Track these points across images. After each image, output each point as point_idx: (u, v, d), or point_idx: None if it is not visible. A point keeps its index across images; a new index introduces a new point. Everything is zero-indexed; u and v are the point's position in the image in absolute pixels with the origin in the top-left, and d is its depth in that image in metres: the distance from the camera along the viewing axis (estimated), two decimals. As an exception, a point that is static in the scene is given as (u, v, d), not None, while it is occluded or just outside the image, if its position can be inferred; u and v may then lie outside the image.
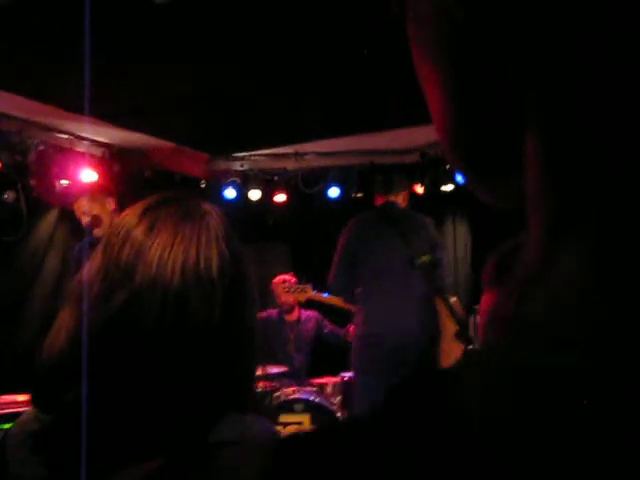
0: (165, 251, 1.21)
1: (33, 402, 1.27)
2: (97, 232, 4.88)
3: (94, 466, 1.12)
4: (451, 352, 4.59)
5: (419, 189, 7.16)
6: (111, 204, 4.88)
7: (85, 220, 4.80)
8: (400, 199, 4.88)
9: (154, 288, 1.18)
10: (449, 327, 4.55)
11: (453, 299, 4.67)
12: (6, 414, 5.09)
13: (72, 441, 1.11)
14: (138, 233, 1.24)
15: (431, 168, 7.07)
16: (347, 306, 5.09)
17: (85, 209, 4.81)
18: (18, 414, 4.30)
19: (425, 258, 4.53)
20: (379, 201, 4.97)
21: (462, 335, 4.49)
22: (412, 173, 7.15)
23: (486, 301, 0.51)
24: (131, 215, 1.29)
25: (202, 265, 1.22)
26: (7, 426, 4.68)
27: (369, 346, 4.64)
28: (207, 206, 1.34)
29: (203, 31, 4.59)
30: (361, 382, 4.79)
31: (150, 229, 1.24)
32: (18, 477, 1.20)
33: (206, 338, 1.18)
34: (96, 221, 4.89)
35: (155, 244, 1.22)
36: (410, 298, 4.57)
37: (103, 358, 1.16)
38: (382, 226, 4.72)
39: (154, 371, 1.16)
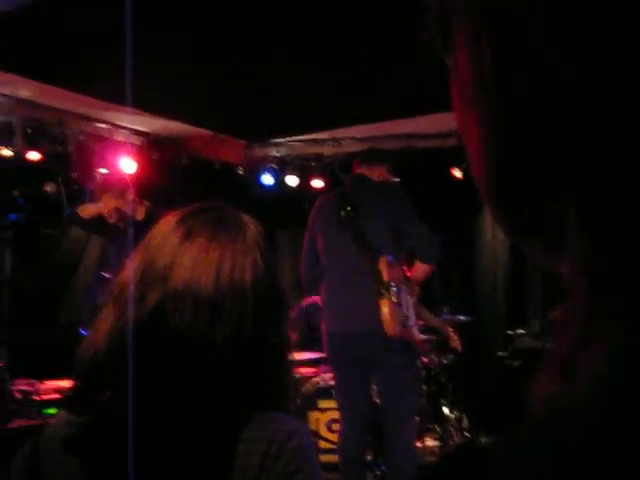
0: (200, 257, 1.24)
1: (66, 404, 1.29)
2: (83, 212, 5.20)
3: (132, 467, 1.14)
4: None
5: (457, 173, 7.10)
6: (129, 195, 5.09)
7: (111, 216, 5.06)
8: (376, 173, 4.71)
9: (187, 293, 1.20)
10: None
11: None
12: (49, 400, 5.19)
13: (107, 442, 1.12)
14: (175, 238, 1.26)
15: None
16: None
17: (110, 205, 5.06)
18: (60, 400, 4.36)
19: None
20: (355, 169, 4.79)
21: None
22: (451, 157, 7.10)
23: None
24: (169, 220, 1.31)
25: (236, 273, 1.24)
26: (51, 411, 4.79)
27: (327, 343, 4.59)
28: (244, 217, 1.36)
29: (238, 18, 4.60)
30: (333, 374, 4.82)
31: (187, 235, 1.27)
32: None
33: (237, 344, 1.20)
34: (117, 213, 5.09)
35: (191, 250, 1.24)
36: (364, 288, 4.36)
37: (138, 357, 1.17)
38: (339, 210, 4.47)
39: (186, 373, 1.18)
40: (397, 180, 5.01)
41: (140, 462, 1.14)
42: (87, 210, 5.26)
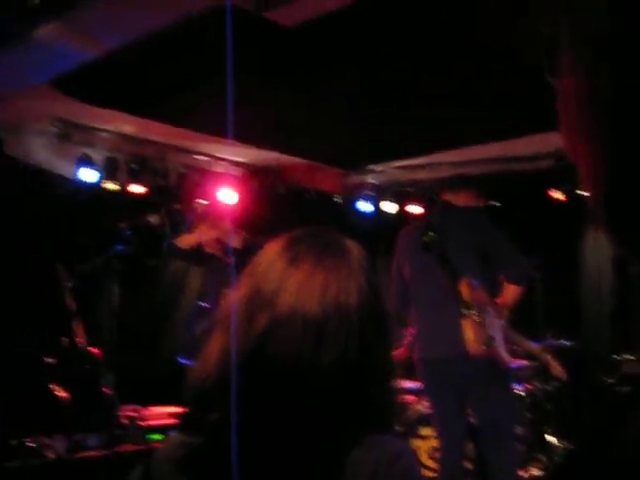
0: (306, 282, 1.25)
1: (178, 427, 1.32)
2: (181, 242, 5.40)
3: None
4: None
5: (556, 195, 6.96)
6: (226, 225, 5.28)
7: (210, 246, 5.24)
8: (462, 199, 4.71)
9: (294, 317, 1.22)
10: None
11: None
12: (154, 425, 5.31)
13: (218, 464, 1.15)
14: (280, 264, 1.29)
15: (569, 173, 6.84)
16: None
17: (209, 235, 5.27)
18: (165, 426, 4.48)
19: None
20: (441, 196, 4.86)
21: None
22: (548, 179, 6.97)
23: None
24: (275, 246, 1.34)
25: (341, 297, 1.25)
26: (155, 436, 4.89)
27: (420, 370, 4.61)
28: (348, 241, 1.37)
29: (333, 51, 4.66)
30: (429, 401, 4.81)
31: (292, 260, 1.29)
32: None
33: (342, 368, 1.20)
34: (217, 243, 5.28)
35: (296, 275, 1.26)
36: (450, 312, 4.32)
37: (246, 381, 1.19)
38: (422, 236, 4.44)
39: (292, 397, 1.19)
40: (486, 204, 4.99)
41: None
42: (185, 241, 5.41)
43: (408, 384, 5.78)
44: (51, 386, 4.85)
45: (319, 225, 1.41)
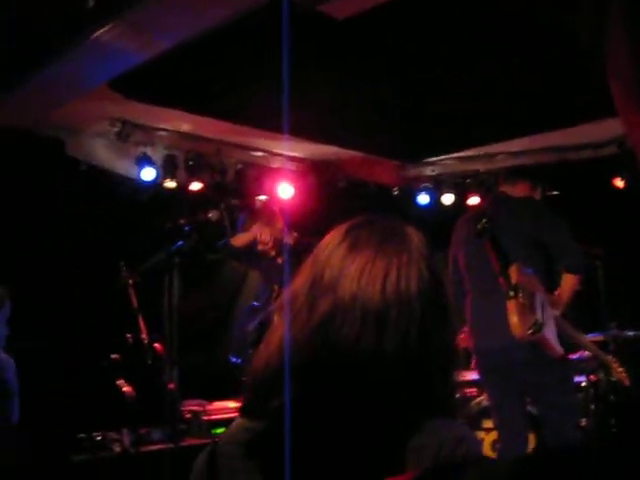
0: (366, 268, 1.25)
1: (243, 410, 1.34)
2: (235, 241, 5.52)
3: (303, 470, 1.17)
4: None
5: (619, 183, 6.82)
6: (279, 223, 5.32)
7: (263, 245, 5.31)
8: (518, 190, 4.66)
9: (355, 303, 1.22)
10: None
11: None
12: (217, 419, 5.37)
13: (282, 447, 1.16)
14: (341, 250, 1.29)
15: (631, 159, 6.72)
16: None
17: (262, 236, 5.33)
18: (228, 419, 4.51)
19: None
20: (498, 187, 4.82)
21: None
22: (610, 166, 6.84)
23: None
24: (336, 234, 1.35)
25: (402, 284, 1.25)
26: (219, 430, 4.92)
27: (476, 360, 4.57)
28: (408, 228, 1.37)
29: (388, 44, 4.64)
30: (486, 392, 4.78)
31: (353, 247, 1.29)
32: None
33: (403, 355, 1.20)
34: (274, 242, 5.34)
35: (357, 261, 1.27)
36: (502, 301, 4.20)
37: (306, 366, 1.21)
38: (476, 225, 4.40)
39: (353, 383, 1.19)
40: (544, 194, 4.93)
41: (309, 468, 1.17)
42: (239, 240, 5.46)
43: (470, 375, 5.72)
44: (117, 382, 4.94)
45: (379, 213, 1.41)
